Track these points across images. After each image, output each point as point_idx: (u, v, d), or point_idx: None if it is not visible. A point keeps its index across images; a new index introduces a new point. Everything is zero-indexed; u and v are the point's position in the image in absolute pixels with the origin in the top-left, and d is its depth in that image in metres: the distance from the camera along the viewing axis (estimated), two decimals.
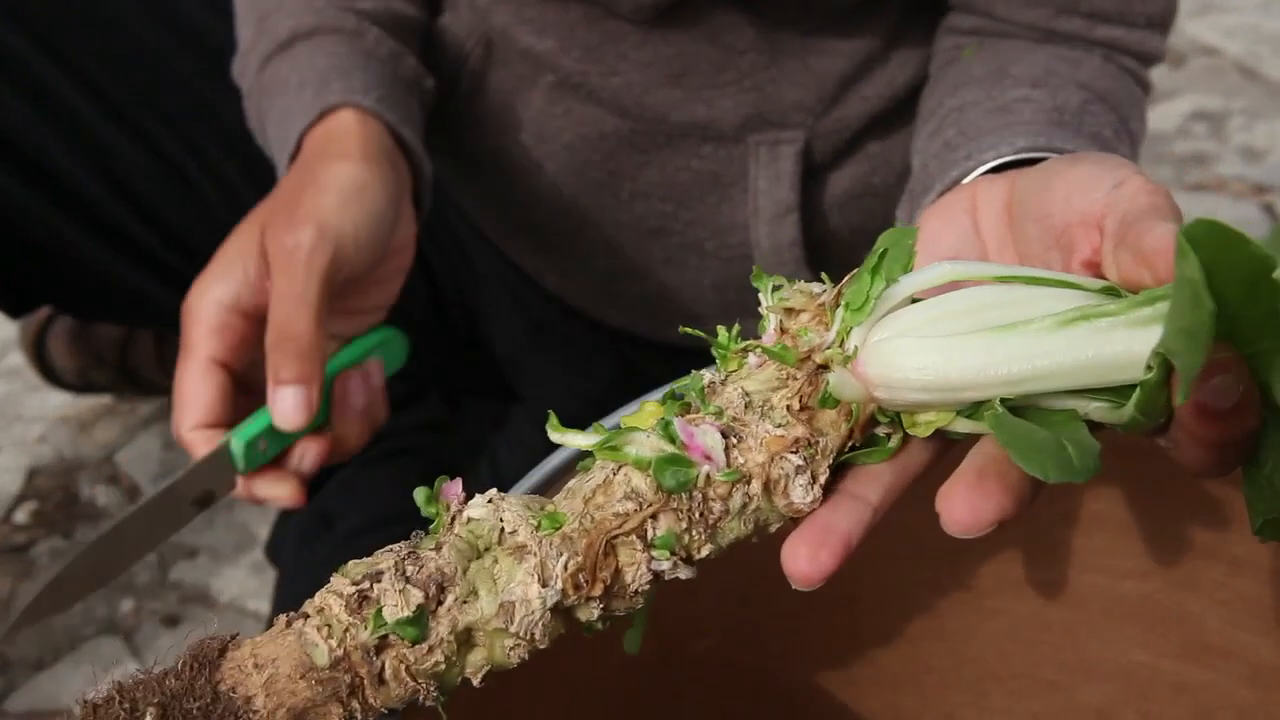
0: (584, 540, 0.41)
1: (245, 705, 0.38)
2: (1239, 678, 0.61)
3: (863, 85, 0.78)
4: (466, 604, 0.40)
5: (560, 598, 0.41)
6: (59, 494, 1.19)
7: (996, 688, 0.66)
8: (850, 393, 0.42)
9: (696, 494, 0.42)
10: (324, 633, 0.39)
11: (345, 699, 0.39)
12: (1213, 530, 0.59)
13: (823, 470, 0.42)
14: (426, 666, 0.40)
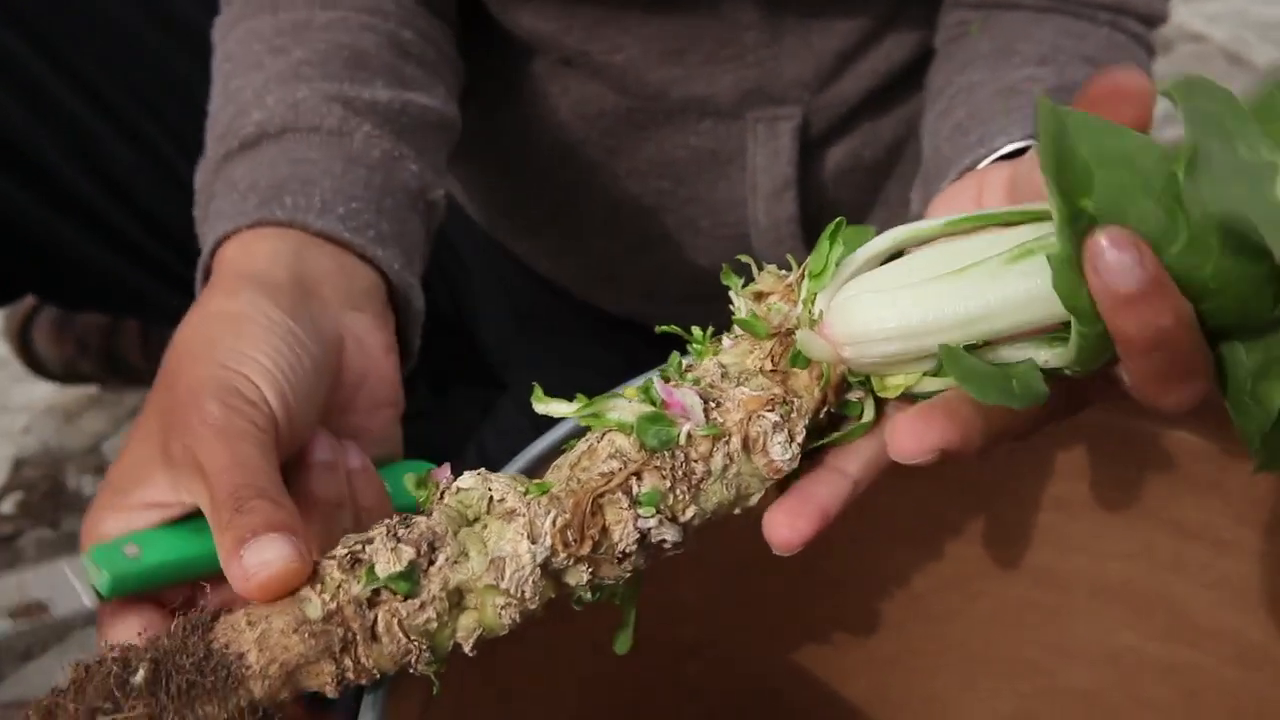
0: (571, 500, 0.42)
1: (238, 661, 0.39)
2: (1225, 658, 0.61)
3: (861, 62, 0.78)
4: (458, 564, 0.41)
5: (549, 554, 0.42)
6: (45, 484, 1.19)
7: (983, 671, 0.66)
8: (818, 350, 0.44)
9: (679, 453, 0.43)
10: (317, 589, 0.40)
11: (338, 655, 0.40)
12: (1199, 513, 0.60)
13: (799, 430, 0.44)
14: (419, 622, 0.41)
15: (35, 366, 1.22)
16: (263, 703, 0.39)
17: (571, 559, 0.42)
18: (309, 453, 0.49)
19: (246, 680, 0.38)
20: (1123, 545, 0.62)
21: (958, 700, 0.68)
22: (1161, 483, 0.60)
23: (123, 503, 0.46)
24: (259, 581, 0.40)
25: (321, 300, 0.54)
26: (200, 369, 0.47)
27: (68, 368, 1.22)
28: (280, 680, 0.39)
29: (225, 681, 0.38)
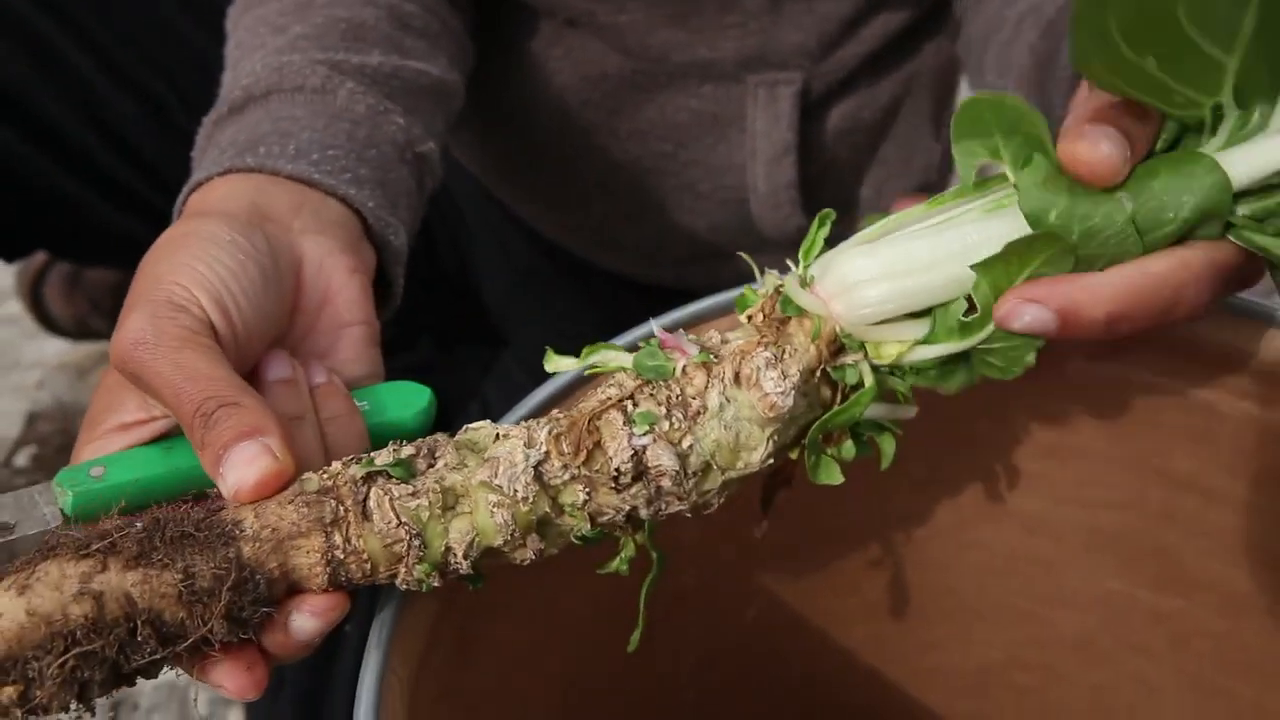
0: (568, 419, 0.44)
1: (234, 525, 0.40)
2: (1213, 607, 0.62)
3: (862, 28, 0.79)
4: (455, 469, 0.43)
5: (543, 458, 0.43)
6: (58, 438, 1.21)
7: (976, 618, 0.67)
8: (806, 300, 0.45)
9: (674, 386, 0.44)
10: (320, 474, 0.42)
11: (329, 528, 0.41)
12: (1189, 463, 0.60)
13: (793, 370, 0.44)
14: (410, 505, 0.42)
15: (47, 323, 1.24)
16: (250, 563, 0.40)
17: (566, 471, 0.43)
18: (263, 370, 0.49)
19: (238, 541, 0.40)
20: (1114, 495, 0.62)
21: (952, 647, 0.69)
22: (1153, 434, 0.60)
23: (97, 431, 0.46)
24: (245, 497, 0.42)
25: (278, 223, 0.53)
26: (137, 288, 0.47)
27: (79, 324, 1.23)
28: (270, 546, 0.40)
29: (217, 538, 0.40)
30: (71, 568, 0.38)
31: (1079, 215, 0.43)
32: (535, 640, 0.58)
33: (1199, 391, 0.58)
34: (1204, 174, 0.43)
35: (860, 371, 0.46)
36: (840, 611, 0.68)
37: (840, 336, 0.45)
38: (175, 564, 0.39)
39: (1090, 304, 0.43)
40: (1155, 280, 0.43)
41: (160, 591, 0.38)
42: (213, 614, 0.39)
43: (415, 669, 0.46)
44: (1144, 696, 0.65)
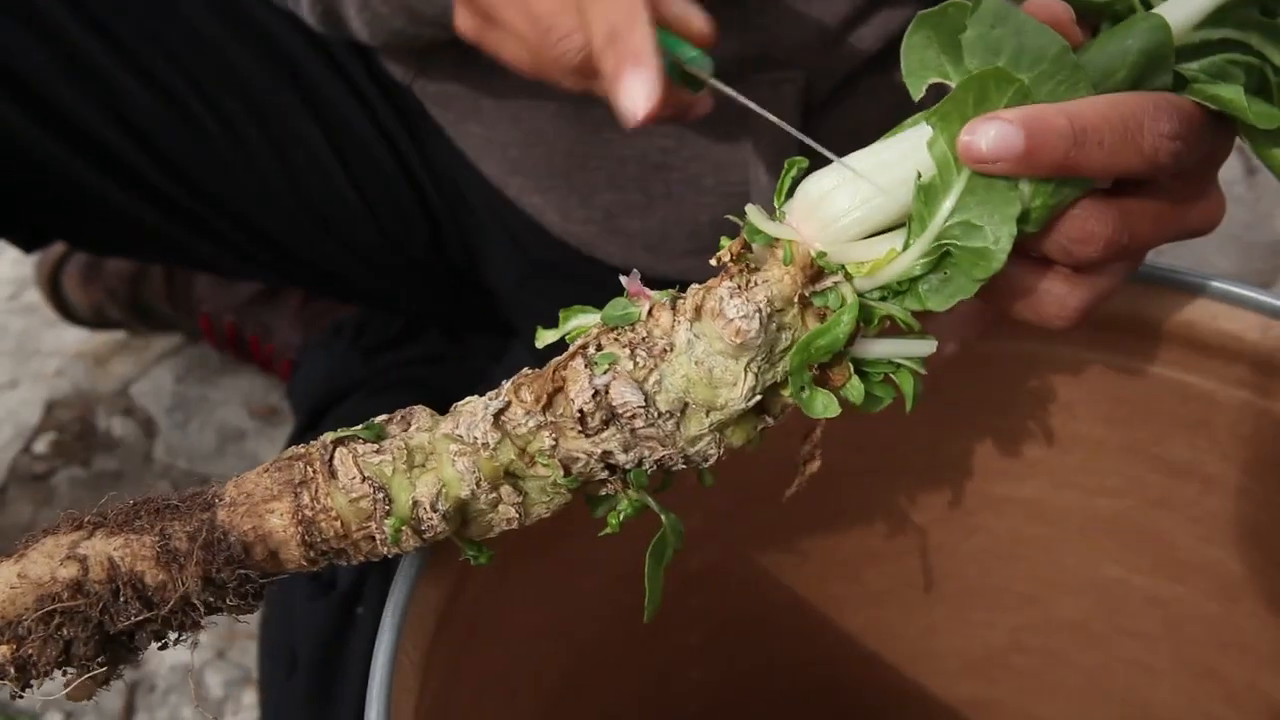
0: (534, 372, 0.45)
1: (215, 496, 0.43)
2: (1208, 591, 0.63)
3: (863, 27, 0.79)
4: (425, 431, 0.44)
5: (504, 406, 0.43)
6: (77, 425, 1.22)
7: (976, 602, 0.68)
8: (772, 227, 0.44)
9: (640, 328, 0.44)
10: (299, 447, 0.44)
11: (297, 488, 0.43)
12: (1187, 450, 0.61)
13: (759, 298, 0.43)
14: (373, 462, 0.43)
15: (65, 312, 1.25)
16: (224, 525, 0.42)
17: (530, 418, 0.43)
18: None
19: (215, 508, 0.42)
20: (1113, 482, 0.63)
21: (952, 631, 0.70)
22: (1151, 422, 0.61)
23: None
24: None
25: None
26: None
27: (97, 313, 1.25)
28: (245, 509, 0.42)
29: (198, 507, 0.42)
30: (64, 538, 0.41)
31: (1027, 61, 0.43)
32: (544, 622, 0.59)
33: (1197, 380, 0.59)
34: (1142, 22, 0.45)
35: (842, 293, 0.44)
36: (843, 595, 0.69)
37: (816, 259, 0.44)
38: (154, 529, 0.41)
39: (1053, 113, 0.42)
40: (1115, 99, 0.44)
41: (139, 554, 0.41)
42: (189, 574, 0.41)
43: (427, 650, 0.47)
44: (1140, 679, 0.67)
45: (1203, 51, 0.46)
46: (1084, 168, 0.44)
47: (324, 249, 0.94)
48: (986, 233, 0.43)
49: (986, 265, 0.43)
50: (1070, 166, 0.43)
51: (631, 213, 0.87)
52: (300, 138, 0.89)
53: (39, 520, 1.13)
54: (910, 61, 0.46)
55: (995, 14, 0.43)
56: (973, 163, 0.43)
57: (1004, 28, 0.43)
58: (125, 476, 1.18)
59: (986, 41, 0.43)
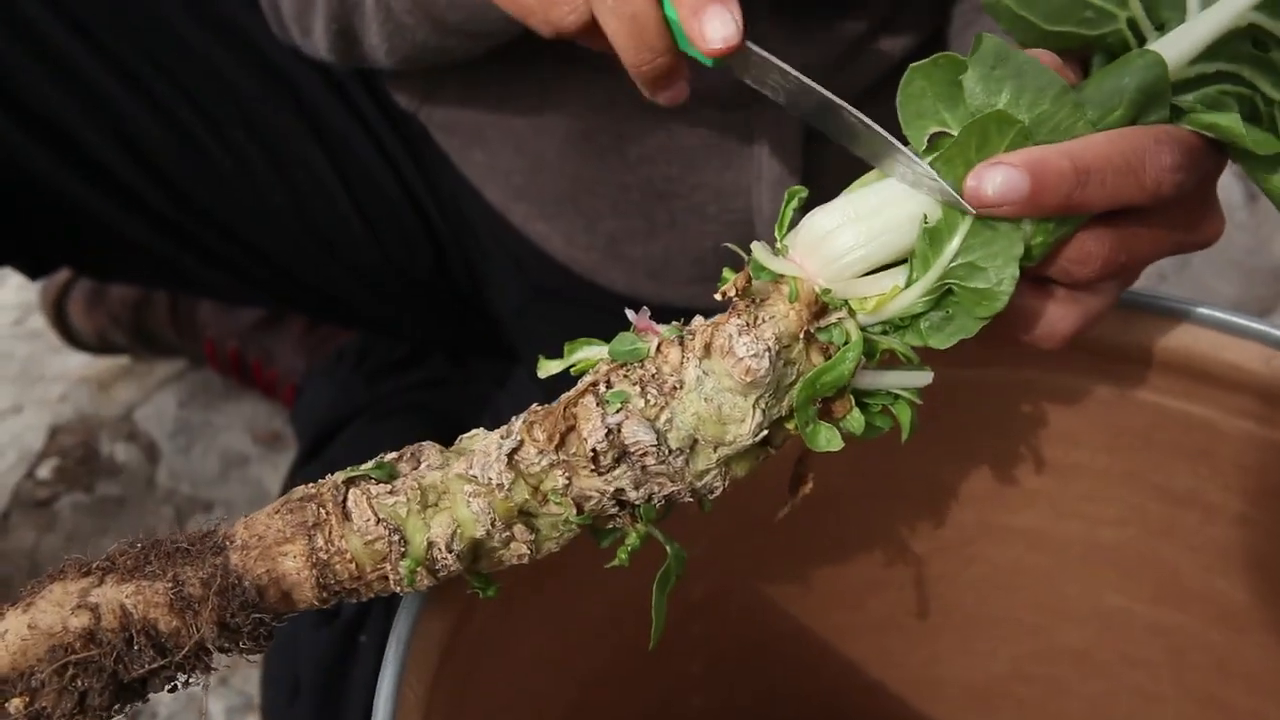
0: (545, 409, 0.44)
1: (226, 539, 0.42)
2: (1211, 620, 0.63)
3: (867, 53, 0.80)
4: (437, 470, 0.44)
5: (517, 445, 0.43)
6: (80, 451, 1.23)
7: (978, 631, 0.68)
8: (777, 264, 0.45)
9: (650, 365, 0.44)
10: (308, 486, 0.44)
11: (311, 531, 0.42)
12: (1189, 479, 0.61)
13: (767, 334, 0.44)
14: (388, 504, 0.43)
15: (70, 338, 1.25)
16: (238, 569, 0.41)
17: (543, 457, 0.43)
18: None
19: (226, 550, 0.42)
20: (1115, 511, 0.63)
21: (955, 660, 0.70)
22: (1154, 450, 0.61)
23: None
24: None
25: None
26: None
27: (101, 339, 1.25)
28: (257, 553, 0.42)
29: (209, 550, 0.42)
30: (73, 585, 0.40)
31: (1026, 101, 0.44)
32: (547, 652, 0.59)
33: (1199, 409, 0.59)
34: (1138, 59, 0.45)
35: (846, 330, 0.45)
36: (845, 624, 0.69)
37: (820, 295, 0.45)
38: (166, 574, 0.41)
39: (1055, 155, 0.43)
40: (1115, 136, 0.44)
41: (153, 601, 0.40)
42: (203, 620, 0.40)
43: (430, 684, 0.47)
44: (1143, 708, 0.66)
45: (1197, 84, 0.47)
46: (1088, 206, 0.44)
47: (328, 274, 0.94)
48: (990, 274, 0.44)
49: (990, 305, 0.44)
50: (1074, 206, 0.44)
51: (635, 239, 0.87)
52: (304, 162, 0.89)
53: (42, 545, 1.13)
54: (908, 112, 0.46)
55: (995, 55, 0.44)
56: (979, 207, 0.44)
57: (1004, 68, 0.44)
58: (128, 502, 1.18)
59: (987, 83, 0.44)
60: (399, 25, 0.72)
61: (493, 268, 0.94)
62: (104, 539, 1.14)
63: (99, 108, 0.86)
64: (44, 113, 0.84)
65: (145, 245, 0.92)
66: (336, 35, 0.75)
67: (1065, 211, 0.44)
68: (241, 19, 0.87)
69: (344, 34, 0.75)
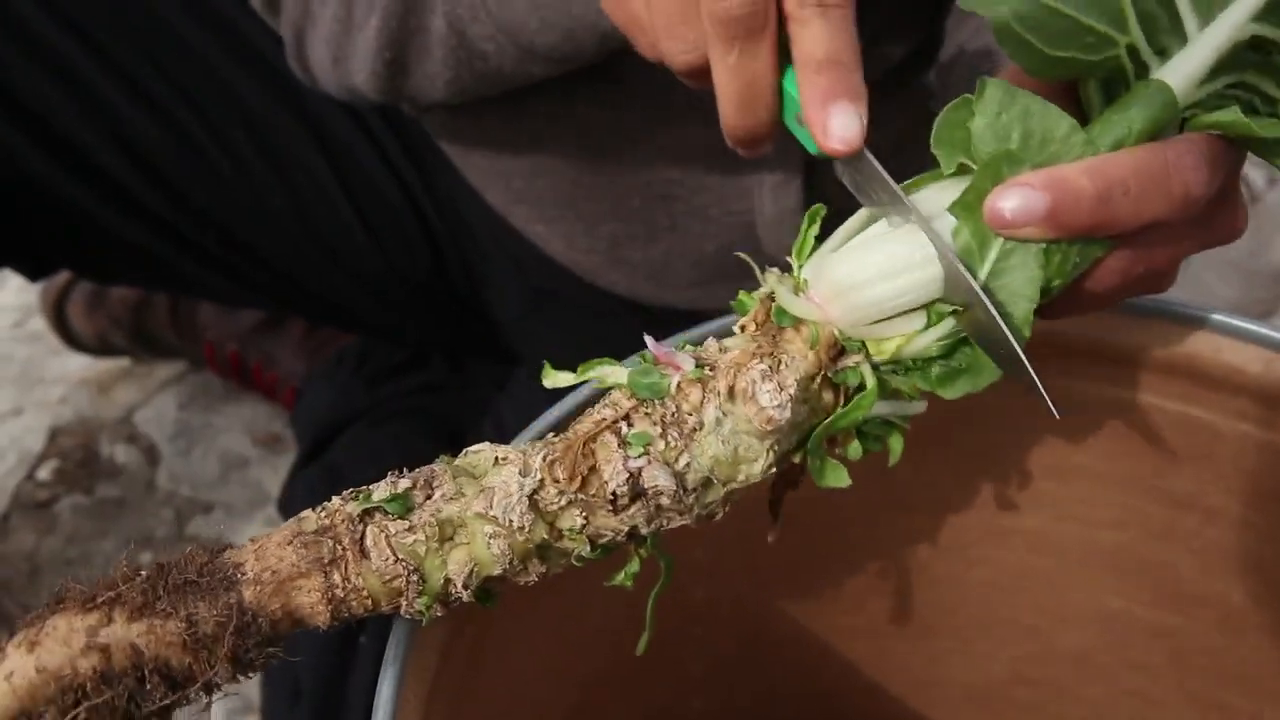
0: (563, 444, 0.44)
1: (236, 569, 0.41)
2: (1211, 623, 0.63)
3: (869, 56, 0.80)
4: (452, 499, 0.43)
5: (538, 485, 0.43)
6: (80, 453, 1.23)
7: (980, 634, 0.68)
8: (800, 307, 0.45)
9: (670, 403, 0.44)
10: (318, 511, 0.43)
11: (327, 567, 0.41)
12: (1189, 482, 0.61)
13: (789, 382, 0.44)
14: (406, 542, 0.42)
15: (70, 340, 1.26)
16: (251, 606, 0.40)
17: (562, 497, 0.43)
18: None
19: (239, 584, 0.40)
20: (1115, 514, 0.63)
21: (955, 663, 0.70)
22: (1154, 453, 0.61)
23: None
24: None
25: None
26: None
27: (101, 341, 1.25)
28: (272, 588, 0.41)
29: (219, 584, 0.40)
30: (79, 621, 0.39)
31: (1036, 144, 0.44)
32: (548, 655, 0.59)
33: (1199, 412, 0.59)
34: (1144, 90, 0.45)
35: (862, 373, 0.45)
36: (845, 627, 0.69)
37: (840, 340, 0.45)
38: (179, 612, 0.39)
39: (1074, 173, 0.42)
40: (1136, 150, 0.44)
41: (165, 640, 0.39)
42: (218, 658, 0.40)
43: (430, 688, 0.47)
44: (1144, 711, 0.66)
45: (1204, 103, 0.47)
46: (1115, 223, 0.43)
47: (328, 277, 0.94)
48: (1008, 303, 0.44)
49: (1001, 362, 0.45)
50: (1101, 224, 0.43)
51: (635, 243, 0.87)
52: (304, 166, 0.89)
53: (42, 547, 1.13)
54: (942, 133, 0.46)
55: (1000, 100, 0.44)
56: (999, 228, 0.43)
57: (1010, 112, 0.44)
58: (128, 504, 1.18)
59: (995, 129, 0.44)
60: (474, 53, 0.70)
61: (492, 270, 0.94)
62: (104, 541, 1.15)
63: (97, 108, 0.86)
64: (42, 113, 0.84)
65: (144, 247, 0.92)
66: (386, 65, 0.72)
67: (1093, 231, 0.43)
68: (241, 20, 0.87)
69: (394, 64, 0.72)
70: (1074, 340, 0.57)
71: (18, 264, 0.96)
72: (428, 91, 0.73)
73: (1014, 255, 0.44)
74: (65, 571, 1.11)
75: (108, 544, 1.14)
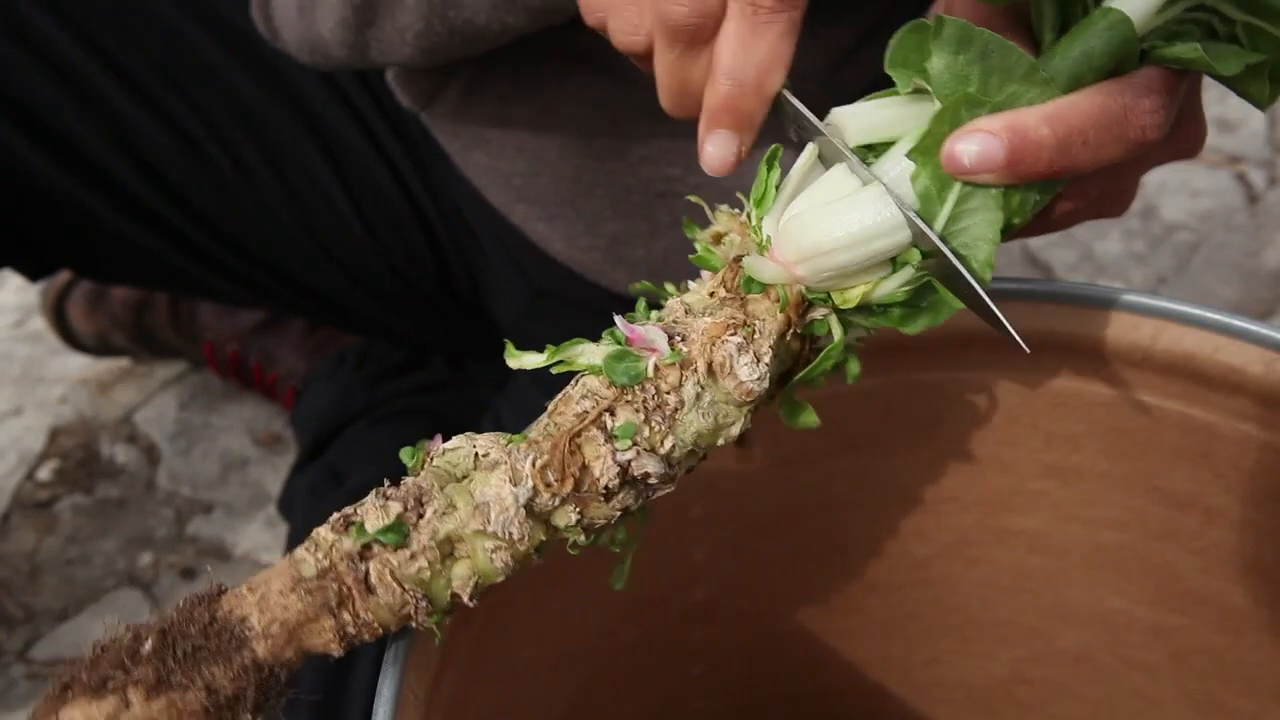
0: (549, 442, 0.43)
1: (241, 624, 0.40)
2: (1212, 623, 0.63)
3: (864, 53, 0.80)
4: (446, 515, 0.42)
5: (532, 495, 0.43)
6: (80, 452, 1.23)
7: (980, 634, 0.68)
8: (768, 273, 0.45)
9: (649, 386, 0.44)
10: (312, 550, 0.42)
11: (336, 609, 0.41)
12: (1189, 482, 0.61)
13: (764, 350, 0.44)
14: (411, 572, 0.42)
15: (70, 340, 1.26)
16: (267, 661, 0.40)
17: (555, 499, 0.43)
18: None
19: (249, 641, 0.40)
20: (1115, 514, 0.63)
21: (955, 663, 0.70)
22: (1154, 453, 0.61)
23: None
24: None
25: None
26: None
27: (101, 341, 1.25)
28: (283, 639, 0.40)
29: (229, 644, 0.40)
30: (95, 710, 0.38)
31: (996, 83, 0.43)
32: (548, 654, 0.59)
33: (1199, 412, 0.59)
34: (1101, 19, 0.44)
35: (829, 324, 0.45)
36: (846, 627, 0.69)
37: (806, 295, 0.45)
38: (195, 682, 0.39)
39: (1033, 119, 0.42)
40: (1092, 93, 0.43)
41: (189, 711, 0.39)
42: (242, 713, 0.40)
43: (431, 686, 0.47)
44: (1144, 711, 0.66)
45: (1162, 30, 0.45)
46: (1073, 169, 0.43)
47: (328, 277, 0.94)
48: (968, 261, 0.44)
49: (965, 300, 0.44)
50: (1059, 171, 0.43)
51: (637, 240, 0.87)
52: (304, 165, 0.89)
53: (42, 547, 1.13)
54: (896, 55, 0.46)
55: (959, 39, 0.43)
56: (957, 174, 0.43)
57: (969, 51, 0.43)
58: (128, 504, 1.18)
59: (953, 70, 0.43)
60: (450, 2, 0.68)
61: (493, 269, 0.94)
62: (104, 541, 1.15)
63: (97, 108, 0.86)
64: (42, 113, 0.84)
65: (144, 246, 0.92)
66: (355, 11, 0.70)
67: (1051, 176, 0.43)
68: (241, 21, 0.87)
69: (364, 9, 0.70)
70: (1074, 340, 0.58)
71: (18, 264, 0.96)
72: (397, 46, 0.71)
73: (974, 198, 0.44)
74: (65, 571, 1.11)
75: (108, 544, 1.14)
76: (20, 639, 1.06)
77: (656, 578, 0.50)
